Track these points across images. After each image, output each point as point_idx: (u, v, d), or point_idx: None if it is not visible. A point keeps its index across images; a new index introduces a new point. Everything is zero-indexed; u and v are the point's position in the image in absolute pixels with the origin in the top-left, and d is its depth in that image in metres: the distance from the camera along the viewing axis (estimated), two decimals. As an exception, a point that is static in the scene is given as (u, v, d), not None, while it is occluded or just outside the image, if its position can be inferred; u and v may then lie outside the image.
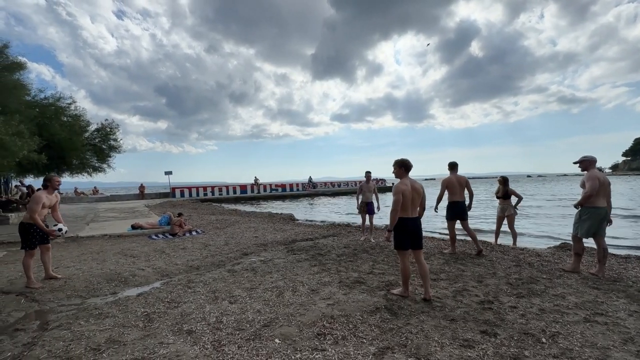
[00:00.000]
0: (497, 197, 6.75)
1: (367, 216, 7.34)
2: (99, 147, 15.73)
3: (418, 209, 3.57)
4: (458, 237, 6.23)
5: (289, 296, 3.70)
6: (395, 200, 3.38)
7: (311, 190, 34.39)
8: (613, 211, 4.82)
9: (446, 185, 5.67)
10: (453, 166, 5.78)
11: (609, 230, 4.61)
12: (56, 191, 4.67)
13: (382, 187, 33.31)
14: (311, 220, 13.49)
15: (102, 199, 26.17)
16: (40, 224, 4.32)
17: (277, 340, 2.66)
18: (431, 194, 7.42)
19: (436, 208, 5.92)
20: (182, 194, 27.70)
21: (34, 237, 4.40)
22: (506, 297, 3.57)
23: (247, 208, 20.62)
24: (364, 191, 7.28)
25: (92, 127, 15.57)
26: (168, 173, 27.23)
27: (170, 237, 8.50)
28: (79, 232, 9.09)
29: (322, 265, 5.02)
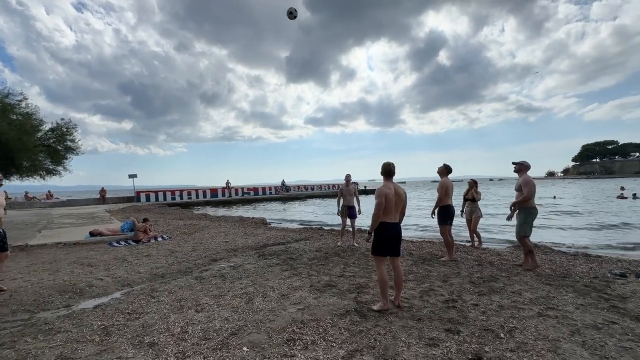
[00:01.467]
0: (465, 199, 6.96)
1: (349, 220, 7.10)
2: (53, 148, 14.60)
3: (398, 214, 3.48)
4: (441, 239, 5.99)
5: (258, 302, 3.62)
6: (378, 204, 3.32)
7: (284, 194, 34.14)
8: (565, 210, 5.29)
9: (447, 186, 5.44)
10: (450, 170, 5.58)
11: (566, 231, 5.09)
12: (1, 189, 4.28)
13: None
14: (283, 224, 13.38)
15: (57, 204, 24.28)
16: None
17: (245, 349, 2.59)
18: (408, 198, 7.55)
19: (433, 212, 5.70)
20: (148, 198, 26.40)
21: None
22: (469, 295, 3.74)
23: (218, 212, 20.05)
24: (345, 195, 7.05)
25: (46, 127, 14.44)
26: (132, 176, 25.85)
27: (134, 243, 8.05)
28: (28, 240, 8.35)
29: (293, 270, 4.98)
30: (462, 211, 6.90)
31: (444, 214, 5.50)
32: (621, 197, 23.32)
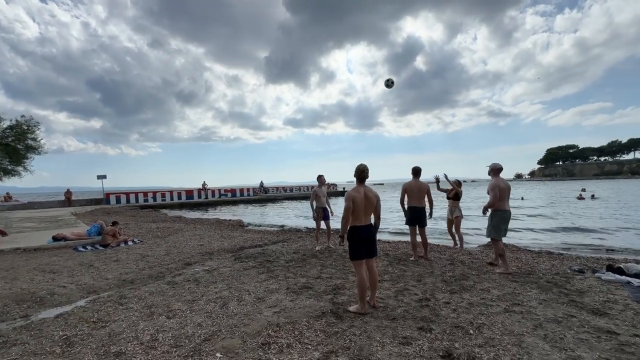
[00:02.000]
0: (448, 198, 7.01)
1: (323, 222, 6.97)
2: (12, 147, 13.64)
3: (372, 216, 3.48)
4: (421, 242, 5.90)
5: (233, 306, 3.55)
6: (346, 207, 3.34)
7: (262, 195, 33.75)
8: (527, 210, 5.49)
9: (404, 189, 5.67)
10: (416, 172, 5.70)
11: (529, 230, 5.24)
12: None
13: (334, 192, 33.99)
14: (261, 226, 13.22)
15: (17, 207, 22.65)
16: None
17: (218, 355, 2.53)
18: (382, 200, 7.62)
19: (405, 213, 5.79)
20: (118, 200, 25.23)
21: None
22: (441, 293, 3.86)
23: (193, 214, 19.50)
24: (319, 196, 6.84)
25: (4, 124, 13.45)
26: (101, 177, 24.62)
27: (101, 248, 7.66)
28: (-18, 246, 7.73)
29: (270, 273, 4.93)
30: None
31: (406, 214, 5.73)
32: (580, 197, 25.03)
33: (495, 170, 4.93)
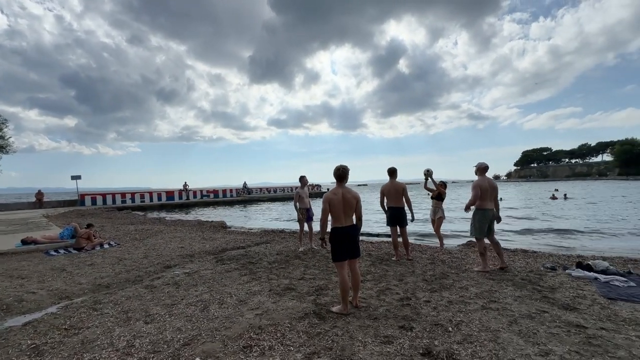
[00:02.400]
0: (432, 198, 7.06)
1: (306, 223, 6.93)
2: (-23, 145, 12.82)
3: (354, 217, 3.44)
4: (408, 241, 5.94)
5: (214, 309, 3.49)
6: (322, 209, 3.37)
7: (246, 196, 33.36)
8: (505, 211, 5.62)
9: (382, 191, 5.74)
10: (392, 172, 5.71)
11: (507, 229, 5.35)
12: None
13: (318, 193, 34.02)
14: (244, 228, 13.05)
15: (-18, 209, 21.38)
16: None
17: (198, 359, 2.48)
18: (364, 201, 7.65)
19: (386, 214, 5.80)
20: (94, 202, 24.28)
21: None
22: (422, 292, 3.94)
23: (174, 216, 19.01)
24: (302, 197, 6.80)
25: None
26: (76, 177, 23.59)
27: (75, 252, 7.33)
28: (-58, 251, 7.24)
29: (252, 274, 4.88)
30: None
31: (388, 216, 5.74)
32: (553, 197, 26.22)
33: (481, 169, 4.98)
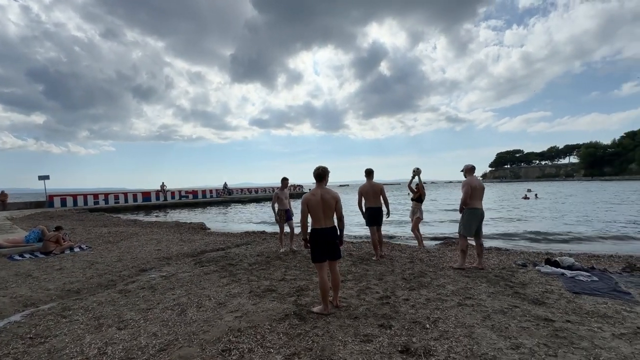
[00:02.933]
0: (412, 200, 7.17)
1: (287, 224, 6.88)
2: None
3: (334, 218, 3.44)
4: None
5: (192, 313, 3.40)
6: (301, 211, 3.39)
7: (226, 197, 32.79)
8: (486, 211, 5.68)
9: (360, 192, 5.84)
10: (369, 173, 5.85)
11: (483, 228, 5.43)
12: None
13: (300, 193, 33.92)
14: (224, 229, 12.83)
15: (-63, 211, 19.82)
16: None
17: (174, 365, 2.41)
18: (347, 201, 7.65)
19: (363, 215, 5.89)
20: (64, 203, 23.10)
21: None
22: (401, 291, 4.01)
23: (151, 218, 18.39)
24: (281, 198, 6.81)
25: None
26: (43, 177, 22.35)
27: (42, 256, 6.95)
28: None
29: (232, 276, 4.80)
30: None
31: (365, 216, 5.84)
32: (525, 197, 27.47)
33: (469, 169, 5.12)
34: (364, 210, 5.86)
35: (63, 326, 3.20)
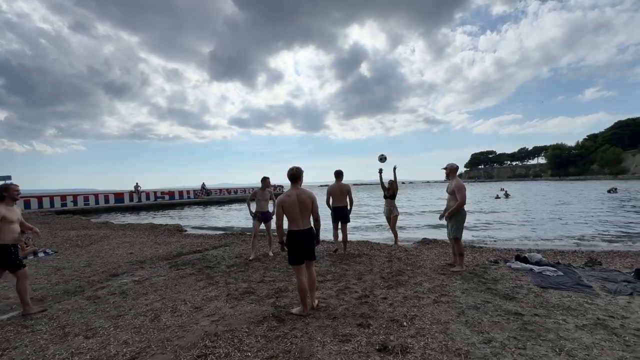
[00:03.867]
0: (385, 197, 7.33)
1: (263, 225, 6.42)
2: None
3: (311, 219, 3.41)
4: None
5: (166, 318, 3.29)
6: (276, 213, 3.38)
7: (204, 198, 32.01)
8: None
9: (329, 192, 6.32)
10: (338, 174, 6.33)
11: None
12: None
13: (279, 194, 33.70)
14: (202, 231, 12.51)
15: None
16: None
17: (146, 373, 2.31)
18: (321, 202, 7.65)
19: (331, 213, 6.41)
20: (28, 205, 21.68)
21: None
22: (379, 290, 4.06)
23: (124, 220, 17.64)
24: (259, 199, 6.35)
25: None
26: (4, 178, 20.87)
27: (2, 262, 6.47)
28: None
29: (209, 279, 4.68)
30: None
31: (332, 214, 6.40)
32: (497, 197, 28.68)
33: (454, 170, 4.93)
34: (331, 207, 6.39)
35: (24, 337, 2.99)
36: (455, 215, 4.85)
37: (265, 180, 6.40)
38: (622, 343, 2.60)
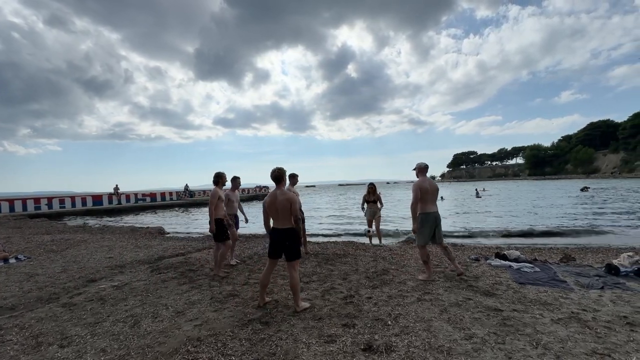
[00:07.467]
0: (368, 202, 7.51)
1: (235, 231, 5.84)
2: None
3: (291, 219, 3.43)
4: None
5: (147, 324, 3.19)
6: (263, 212, 3.56)
7: (188, 200, 31.36)
8: (446, 209, 6.05)
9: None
10: (291, 177, 5.76)
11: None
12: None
13: (265, 194, 33.43)
14: (184, 233, 12.25)
15: None
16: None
17: (125, 382, 2.24)
18: (311, 202, 7.70)
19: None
20: (-2, 209, 20.60)
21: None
22: (364, 289, 4.09)
23: (102, 223, 17.04)
24: (232, 201, 5.79)
25: None
26: (-29, 181, 19.78)
27: (-31, 269, 6.12)
28: None
29: (192, 283, 4.59)
30: (362, 209, 7.68)
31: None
32: (477, 195, 29.56)
33: (421, 169, 4.59)
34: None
35: (-7, 348, 2.84)
36: (419, 215, 4.48)
37: (235, 180, 5.95)
38: (594, 335, 2.72)
